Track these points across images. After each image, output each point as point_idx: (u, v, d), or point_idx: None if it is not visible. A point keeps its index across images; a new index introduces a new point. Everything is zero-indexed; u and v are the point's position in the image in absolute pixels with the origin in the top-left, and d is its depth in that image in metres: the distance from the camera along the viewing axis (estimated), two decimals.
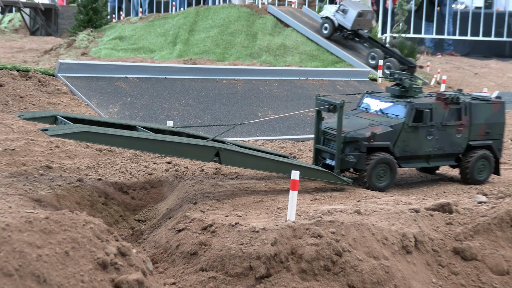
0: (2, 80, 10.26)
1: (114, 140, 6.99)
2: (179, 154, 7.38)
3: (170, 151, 7.29)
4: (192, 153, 7.31)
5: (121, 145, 7.23)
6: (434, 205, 6.97)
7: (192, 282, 6.14)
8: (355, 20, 17.11)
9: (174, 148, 7.21)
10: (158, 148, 7.21)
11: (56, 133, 6.71)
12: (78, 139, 7.14)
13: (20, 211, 6.01)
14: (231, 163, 7.56)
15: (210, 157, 7.34)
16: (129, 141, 7.01)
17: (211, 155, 7.32)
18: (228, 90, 11.77)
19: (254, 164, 7.60)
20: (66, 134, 6.75)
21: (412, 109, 8.03)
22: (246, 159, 7.51)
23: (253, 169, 8.01)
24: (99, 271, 5.05)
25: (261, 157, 7.56)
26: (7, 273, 4.59)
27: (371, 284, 6.01)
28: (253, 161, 7.54)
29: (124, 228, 7.39)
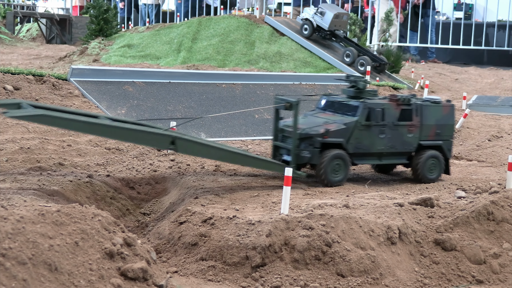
0: (19, 84, 10.25)
1: (73, 124, 6.79)
2: (137, 141, 7.29)
3: (129, 138, 7.21)
4: (149, 140, 7.19)
5: (80, 130, 7.04)
6: (417, 199, 6.96)
7: (193, 271, 6.14)
8: (331, 22, 17.43)
9: (132, 135, 7.08)
10: (117, 134, 7.08)
11: (15, 115, 6.57)
12: (37, 122, 6.96)
13: (34, 204, 6.01)
14: (187, 151, 7.47)
15: (166, 144, 7.21)
16: (87, 126, 6.85)
17: (167, 142, 7.17)
18: (228, 94, 11.77)
19: (208, 153, 7.46)
20: (25, 116, 6.60)
21: (365, 108, 7.98)
22: (201, 148, 7.36)
23: (208, 158, 7.92)
24: (106, 260, 5.04)
25: (216, 147, 7.44)
26: (21, 262, 4.57)
27: (358, 273, 6.00)
28: (207, 150, 7.40)
29: (131, 221, 7.38)
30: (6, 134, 8.79)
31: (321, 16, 17.64)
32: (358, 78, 8.25)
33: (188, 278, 6.04)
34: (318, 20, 17.72)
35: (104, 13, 18.67)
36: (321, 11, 17.70)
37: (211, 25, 18.37)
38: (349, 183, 8.22)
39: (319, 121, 8.05)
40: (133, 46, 17.98)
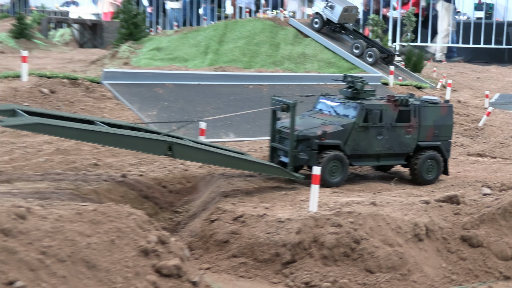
0: (55, 88, 10.29)
1: (67, 132, 6.58)
2: (133, 147, 7.03)
3: (124, 145, 6.96)
4: (145, 146, 6.94)
5: (74, 137, 6.84)
6: (443, 197, 6.90)
7: (225, 267, 6.13)
8: (341, 15, 17.58)
9: (127, 142, 6.85)
10: (111, 141, 6.85)
11: (11, 124, 6.41)
12: (32, 130, 6.76)
13: (71, 204, 6.02)
14: (184, 157, 7.25)
15: (162, 150, 6.96)
16: (81, 133, 6.62)
17: (163, 148, 6.94)
18: (255, 95, 11.75)
19: (206, 158, 7.25)
20: (20, 125, 6.41)
21: (363, 109, 7.82)
22: (198, 153, 7.16)
23: (205, 163, 7.72)
24: (142, 257, 5.04)
25: (213, 151, 7.23)
26: (61, 259, 4.59)
27: (386, 269, 5.96)
28: (205, 155, 7.18)
29: (163, 219, 7.37)
30: (43, 136, 8.82)
31: (330, 9, 17.77)
32: (356, 79, 8.09)
33: (220, 275, 6.03)
34: (328, 14, 17.83)
35: (133, 17, 18.75)
36: (330, 5, 17.82)
37: (237, 28, 18.36)
38: (375, 181, 8.16)
39: (316, 122, 7.89)
40: (162, 49, 18.02)
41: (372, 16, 21.54)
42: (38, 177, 7.39)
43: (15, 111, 6.98)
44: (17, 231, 4.55)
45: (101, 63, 17.48)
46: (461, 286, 6.07)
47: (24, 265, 4.38)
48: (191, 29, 19.43)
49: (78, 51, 22.02)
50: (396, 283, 5.91)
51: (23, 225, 4.62)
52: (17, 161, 8.00)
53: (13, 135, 8.74)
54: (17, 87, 10.02)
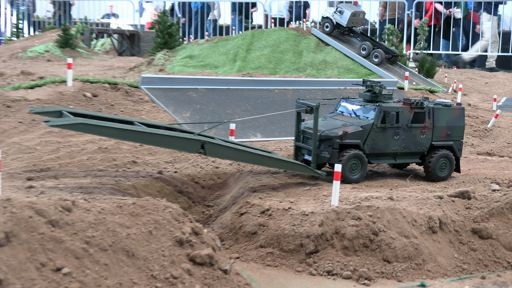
0: (97, 92, 10.35)
1: (108, 132, 6.58)
2: (168, 146, 7.01)
3: (160, 143, 6.93)
4: (180, 145, 6.93)
5: (114, 136, 6.79)
6: (455, 192, 6.84)
7: (253, 257, 6.12)
8: (349, 19, 17.58)
9: (164, 140, 6.84)
10: (148, 140, 6.83)
11: (56, 124, 6.40)
12: (75, 130, 6.69)
13: (112, 198, 6.05)
14: (215, 154, 7.19)
15: (196, 149, 6.94)
16: (121, 132, 6.62)
17: (196, 147, 6.93)
18: (280, 98, 11.72)
19: (235, 156, 7.23)
20: (65, 125, 6.41)
21: (381, 111, 7.78)
22: (228, 151, 7.13)
23: (235, 160, 7.66)
24: (177, 247, 5.05)
25: (241, 150, 7.20)
26: (103, 248, 4.61)
27: (403, 259, 5.93)
28: (234, 153, 7.16)
29: (196, 212, 7.38)
30: (87, 135, 8.88)
31: (340, 14, 17.76)
32: (374, 83, 8.07)
33: (249, 264, 6.03)
34: (337, 18, 17.83)
35: (168, 28, 18.75)
36: (340, 10, 17.85)
37: (263, 37, 18.32)
38: (391, 178, 8.11)
39: (337, 123, 7.88)
40: (194, 57, 18.02)
41: (388, 26, 21.42)
42: (82, 174, 7.43)
43: (62, 112, 7.04)
44: (64, 222, 4.58)
45: (138, 69, 17.53)
46: (471, 275, 6.01)
47: (70, 253, 4.41)
48: (220, 38, 19.40)
49: (117, 59, 22.11)
50: (411, 272, 5.88)
51: (69, 217, 4.65)
52: (63, 159, 8.05)
53: (59, 135, 8.79)
54: (62, 91, 10.10)
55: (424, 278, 5.84)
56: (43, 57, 20.85)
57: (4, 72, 15.59)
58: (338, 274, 5.80)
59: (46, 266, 4.23)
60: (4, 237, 4.08)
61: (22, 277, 4.00)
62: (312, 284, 5.67)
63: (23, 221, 4.35)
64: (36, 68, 17.22)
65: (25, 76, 14.89)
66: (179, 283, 4.77)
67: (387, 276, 5.81)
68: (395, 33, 21.11)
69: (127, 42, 23.79)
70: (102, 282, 4.41)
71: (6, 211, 4.35)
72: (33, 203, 4.60)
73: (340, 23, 17.87)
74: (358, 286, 5.65)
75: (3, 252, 4.02)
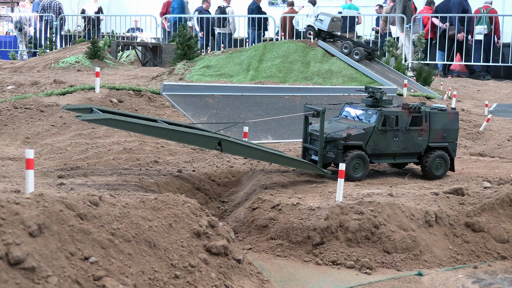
0: (122, 98, 10.38)
1: (134, 127, 6.60)
2: (189, 142, 7.02)
3: (181, 139, 6.92)
4: (199, 141, 6.93)
5: (140, 131, 6.77)
6: (450, 189, 6.79)
7: (264, 248, 6.10)
8: (329, 24, 18.19)
9: (184, 137, 6.84)
10: (170, 136, 6.84)
11: (87, 119, 6.41)
12: (104, 125, 6.68)
13: (135, 194, 6.05)
14: (231, 151, 7.18)
15: (213, 145, 6.94)
16: (146, 128, 6.62)
17: (214, 143, 6.94)
18: (289, 104, 11.70)
19: (249, 153, 7.21)
20: (95, 120, 6.43)
21: (381, 115, 7.74)
22: (243, 149, 7.13)
23: (248, 157, 7.65)
24: (195, 238, 5.04)
25: (256, 148, 7.20)
26: (127, 239, 4.61)
27: (401, 250, 5.89)
28: (248, 150, 7.15)
29: (212, 207, 7.37)
30: (112, 137, 8.90)
31: (320, 21, 18.32)
32: (376, 90, 8.04)
33: (260, 254, 6.01)
34: (319, 25, 18.36)
35: (187, 40, 18.78)
36: (319, 18, 18.47)
37: (274, 49, 18.30)
38: (391, 176, 8.07)
39: (342, 126, 7.85)
40: (211, 67, 18.03)
41: (388, 39, 21.36)
42: (108, 172, 7.44)
43: (92, 109, 7.08)
44: (91, 215, 4.59)
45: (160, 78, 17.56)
46: (465, 265, 5.97)
47: (97, 244, 4.41)
48: (235, 50, 19.40)
49: (141, 69, 22.16)
50: (409, 262, 5.84)
51: (96, 210, 4.65)
52: (91, 158, 8.07)
53: (88, 137, 8.82)
54: (91, 97, 10.12)
55: (421, 268, 5.80)
56: (73, 68, 20.94)
57: (38, 81, 15.66)
58: (342, 264, 5.77)
59: (75, 255, 4.23)
60: (37, 229, 4.09)
61: (53, 265, 4.00)
62: (318, 272, 5.64)
63: (54, 214, 4.35)
64: (67, 77, 17.29)
65: (57, 84, 14.95)
66: (196, 271, 4.76)
67: (387, 266, 5.78)
68: (395, 45, 21.07)
69: (150, 54, 23.85)
70: (126, 270, 4.41)
71: (39, 205, 4.36)
72: (63, 198, 4.60)
73: (321, 29, 18.38)
74: (360, 275, 5.62)
75: (36, 242, 4.03)
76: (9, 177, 6.63)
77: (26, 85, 15.14)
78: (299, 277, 5.53)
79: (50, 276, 3.90)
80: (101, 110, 7.13)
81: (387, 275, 5.65)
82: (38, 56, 24.80)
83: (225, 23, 26.34)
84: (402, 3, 23.16)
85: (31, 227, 4.06)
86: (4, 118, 9.20)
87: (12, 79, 16.26)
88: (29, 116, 9.37)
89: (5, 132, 8.90)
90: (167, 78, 17.24)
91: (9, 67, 21.65)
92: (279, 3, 33.99)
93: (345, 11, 25.83)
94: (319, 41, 18.32)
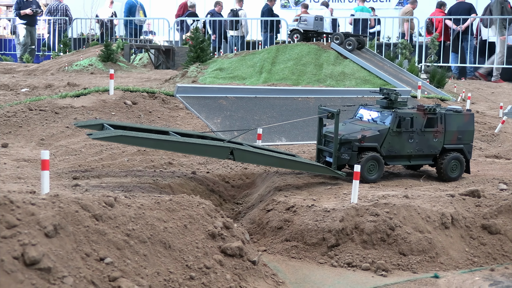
0: (136, 100, 10.38)
1: (146, 142, 6.55)
2: (200, 153, 6.90)
3: (193, 151, 6.84)
4: (211, 152, 6.84)
5: (152, 146, 6.70)
6: (466, 191, 6.73)
7: (279, 250, 6.07)
8: (314, 23, 18.84)
9: (196, 149, 6.77)
10: (182, 148, 6.76)
11: (98, 137, 6.37)
12: (116, 142, 6.61)
13: (150, 195, 6.03)
14: (243, 159, 7.10)
15: (226, 155, 6.87)
16: (157, 142, 6.57)
17: (226, 153, 6.86)
18: (303, 106, 11.67)
19: (262, 160, 7.13)
20: (106, 137, 6.37)
21: (396, 117, 7.67)
22: (255, 156, 7.05)
23: (261, 164, 7.56)
24: (210, 240, 5.02)
25: (268, 155, 7.11)
26: (142, 240, 4.59)
27: (417, 252, 5.84)
28: (261, 158, 7.07)
29: (226, 209, 7.35)
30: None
31: (305, 22, 18.93)
32: (391, 91, 7.99)
33: (275, 256, 5.98)
34: (304, 26, 18.91)
35: (200, 43, 18.80)
36: (303, 19, 19.13)
37: (286, 51, 18.27)
38: (406, 178, 8.01)
39: (356, 128, 7.80)
40: (224, 69, 18.02)
41: (401, 41, 21.29)
42: (123, 173, 7.44)
43: (103, 125, 7.07)
44: (106, 216, 4.58)
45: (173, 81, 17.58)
46: (481, 267, 5.90)
47: (112, 244, 4.40)
48: (248, 52, 19.40)
49: (154, 71, 22.20)
50: (425, 264, 5.79)
51: (111, 211, 4.65)
52: (105, 160, 8.07)
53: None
54: (105, 99, 10.14)
55: (437, 270, 5.75)
56: (87, 70, 21.02)
57: (52, 83, 15.73)
58: (358, 266, 5.73)
59: (91, 256, 4.22)
60: (52, 229, 4.09)
61: (69, 265, 3.99)
62: (333, 274, 5.60)
63: (70, 215, 4.35)
64: (81, 80, 17.35)
65: (71, 87, 15.01)
66: (211, 273, 4.74)
67: (403, 268, 5.73)
68: (408, 47, 20.98)
69: (163, 57, 23.89)
70: (141, 271, 4.40)
71: (54, 206, 4.35)
72: (79, 199, 4.60)
73: (307, 29, 18.88)
74: (376, 277, 5.57)
75: (51, 243, 4.02)
76: (24, 178, 6.65)
77: (40, 88, 15.21)
78: (314, 279, 5.49)
79: (65, 276, 3.89)
80: (111, 125, 7.13)
81: (403, 277, 5.59)
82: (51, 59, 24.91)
83: (238, 26, 26.36)
84: (499, 4, 22.52)
85: (47, 227, 4.06)
86: (19, 120, 9.23)
87: (26, 81, 16.34)
88: (43, 118, 9.40)
89: (20, 134, 8.93)
90: (180, 80, 17.25)
91: (23, 70, 21.76)
92: (292, 6, 33.99)
93: (357, 14, 25.78)
94: (332, 44, 18.27)
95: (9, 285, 3.54)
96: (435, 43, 21.20)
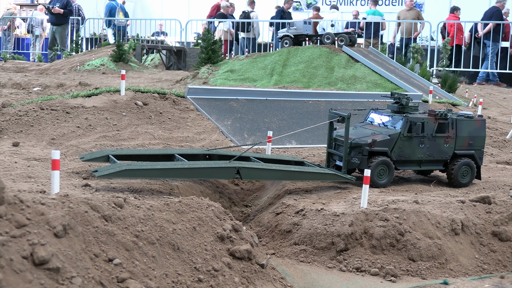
0: (147, 101, 10.39)
1: (151, 173, 6.45)
2: (207, 176, 6.82)
3: (200, 175, 6.75)
4: (218, 174, 6.75)
5: (158, 176, 6.61)
6: (476, 197, 6.70)
7: (288, 253, 6.06)
8: (303, 27, 19.09)
9: (202, 173, 6.67)
10: (188, 174, 6.66)
11: (103, 174, 6.30)
12: (121, 177, 6.48)
13: (160, 196, 6.03)
14: (250, 177, 7.03)
15: (232, 175, 6.76)
16: (163, 172, 6.48)
17: (233, 173, 6.75)
18: (313, 109, 11.64)
19: (269, 175, 7.02)
20: (111, 173, 6.29)
21: (407, 122, 7.64)
22: (262, 172, 6.94)
23: (269, 179, 7.46)
24: (218, 242, 5.01)
25: (274, 169, 6.97)
26: (151, 242, 4.60)
27: (427, 258, 5.81)
28: (267, 173, 6.95)
29: (235, 211, 7.34)
30: (137, 140, 8.90)
31: (294, 28, 19.15)
32: (402, 95, 7.95)
33: (284, 259, 5.97)
34: (294, 31, 19.11)
35: (211, 45, 18.81)
36: (292, 25, 19.40)
37: (298, 54, 18.25)
38: (416, 183, 7.98)
39: (367, 132, 7.77)
40: (235, 71, 18.02)
41: (413, 45, 21.21)
42: None
43: (109, 156, 7.06)
44: (116, 217, 4.58)
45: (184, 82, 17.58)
46: (491, 274, 5.87)
47: (121, 245, 4.40)
48: (259, 54, 19.39)
49: (165, 72, 22.22)
50: (435, 270, 5.76)
51: (120, 212, 4.65)
52: None
53: (112, 139, 8.83)
54: (116, 100, 10.15)
55: (446, 277, 5.72)
56: (98, 70, 21.07)
57: (64, 83, 15.78)
58: (367, 271, 5.71)
59: (99, 256, 4.22)
60: (62, 229, 4.09)
61: (78, 266, 4.00)
62: (342, 279, 5.58)
63: (79, 215, 4.35)
64: (92, 80, 17.40)
65: (83, 87, 15.05)
66: (219, 275, 4.73)
67: (412, 274, 5.70)
68: (419, 51, 20.90)
69: (174, 57, 23.93)
70: (150, 273, 4.40)
71: (64, 206, 4.36)
72: (88, 199, 4.60)
73: (298, 34, 19.07)
74: (385, 282, 5.55)
75: (60, 243, 4.03)
76: (34, 177, 6.66)
77: (52, 87, 15.26)
78: (322, 284, 5.48)
79: (74, 277, 3.89)
80: (116, 155, 7.11)
81: (412, 283, 5.57)
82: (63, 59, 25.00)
83: (249, 28, 26.36)
84: None
85: (56, 227, 4.06)
86: (31, 119, 9.26)
87: (38, 81, 16.40)
88: (55, 117, 9.42)
89: (31, 133, 8.96)
90: (191, 81, 17.26)
91: (35, 69, 21.85)
92: (304, 8, 33.97)
93: (369, 17, 25.71)
94: (343, 47, 18.24)
95: (18, 285, 3.54)
96: (447, 48, 21.11)
